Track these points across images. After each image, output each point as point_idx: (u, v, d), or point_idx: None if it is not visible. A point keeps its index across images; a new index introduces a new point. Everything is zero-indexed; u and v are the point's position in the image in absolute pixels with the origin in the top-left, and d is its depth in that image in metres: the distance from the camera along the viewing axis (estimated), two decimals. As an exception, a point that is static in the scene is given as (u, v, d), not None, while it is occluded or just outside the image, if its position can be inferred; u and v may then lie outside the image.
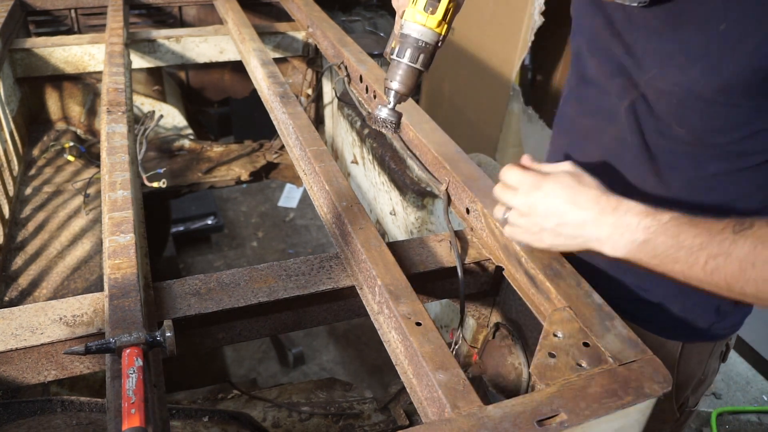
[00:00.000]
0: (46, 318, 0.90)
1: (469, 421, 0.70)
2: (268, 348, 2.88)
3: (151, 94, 2.40)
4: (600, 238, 0.82)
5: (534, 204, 0.85)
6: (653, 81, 0.93)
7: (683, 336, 1.10)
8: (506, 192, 0.90)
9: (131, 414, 0.68)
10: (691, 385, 1.17)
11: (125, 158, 1.23)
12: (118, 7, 2.12)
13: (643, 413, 0.77)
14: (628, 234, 0.79)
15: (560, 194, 0.84)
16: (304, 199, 3.93)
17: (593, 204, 0.82)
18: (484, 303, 1.20)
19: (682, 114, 0.91)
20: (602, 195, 0.82)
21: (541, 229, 0.86)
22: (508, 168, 0.90)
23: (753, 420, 2.52)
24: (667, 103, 0.92)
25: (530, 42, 2.83)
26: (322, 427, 1.63)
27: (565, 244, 0.87)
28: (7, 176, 1.77)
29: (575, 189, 0.83)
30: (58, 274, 1.52)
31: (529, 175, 0.87)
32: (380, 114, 0.94)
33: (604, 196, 0.82)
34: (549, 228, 0.86)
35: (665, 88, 0.91)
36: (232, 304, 0.95)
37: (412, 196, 1.74)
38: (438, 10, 0.87)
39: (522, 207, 0.87)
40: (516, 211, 0.89)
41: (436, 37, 0.89)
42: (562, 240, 0.86)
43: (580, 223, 0.83)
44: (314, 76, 2.46)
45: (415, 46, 0.89)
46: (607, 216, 0.81)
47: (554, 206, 0.84)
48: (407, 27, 0.89)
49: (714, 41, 0.82)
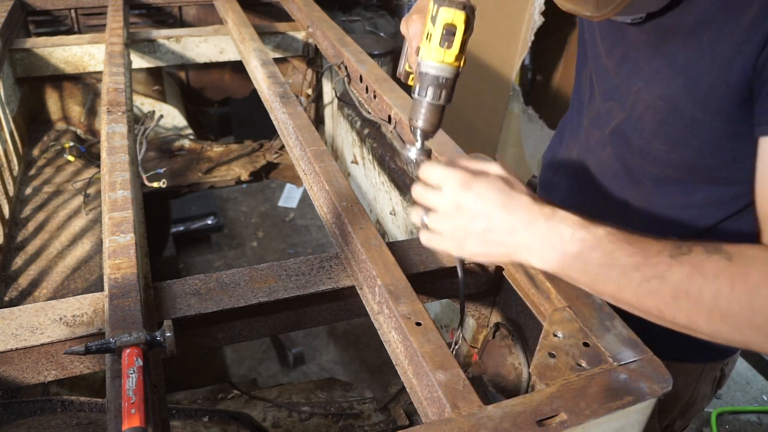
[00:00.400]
0: (46, 318, 0.90)
1: (469, 421, 0.70)
2: (268, 348, 2.88)
3: (151, 94, 2.40)
4: (530, 248, 0.75)
5: (462, 204, 0.76)
6: (640, 94, 0.92)
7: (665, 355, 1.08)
8: (428, 192, 0.80)
9: (131, 414, 0.68)
10: (677, 407, 1.14)
11: (125, 158, 1.23)
12: (118, 7, 2.12)
13: (643, 413, 0.77)
14: (560, 245, 0.73)
15: (492, 197, 0.76)
16: (304, 199, 3.93)
17: (526, 211, 0.75)
18: (484, 303, 1.20)
19: (665, 132, 0.90)
20: (535, 203, 0.76)
21: (467, 234, 0.77)
22: (430, 165, 0.81)
23: (753, 420, 2.52)
24: (651, 120, 0.91)
25: (530, 42, 2.83)
26: (322, 427, 1.63)
27: (489, 253, 0.78)
28: (7, 176, 1.77)
29: (508, 194, 0.76)
30: (58, 274, 1.52)
31: (458, 172, 0.78)
32: (410, 154, 0.92)
33: (537, 204, 0.76)
34: (475, 233, 0.77)
35: (650, 102, 0.90)
36: (232, 304, 0.95)
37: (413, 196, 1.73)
38: (454, 44, 0.84)
39: (447, 207, 0.78)
40: (439, 213, 0.79)
41: (455, 70, 0.86)
42: (487, 248, 0.78)
43: (510, 229, 0.75)
44: (314, 76, 2.46)
45: (435, 84, 0.86)
46: (540, 224, 0.74)
47: (484, 209, 0.75)
48: (425, 65, 0.86)
49: (696, 53, 0.81)
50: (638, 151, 0.96)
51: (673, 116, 0.87)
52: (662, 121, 0.89)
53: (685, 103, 0.85)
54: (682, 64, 0.84)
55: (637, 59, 0.93)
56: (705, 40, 0.80)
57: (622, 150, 1.00)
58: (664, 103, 0.88)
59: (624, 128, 0.98)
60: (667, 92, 0.87)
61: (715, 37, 0.78)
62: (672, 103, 0.86)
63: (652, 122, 0.91)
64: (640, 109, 0.93)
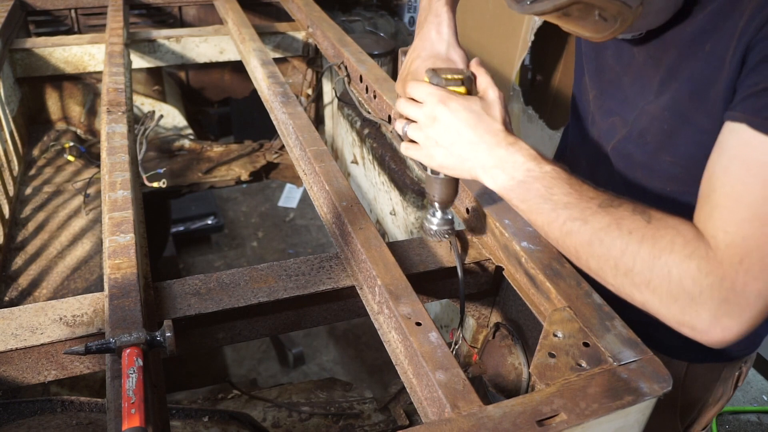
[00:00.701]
0: (46, 318, 0.90)
1: (469, 421, 0.70)
2: (268, 348, 2.88)
3: (151, 94, 2.40)
4: (485, 167, 0.82)
5: (436, 117, 0.84)
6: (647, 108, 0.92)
7: (688, 356, 1.08)
8: (410, 105, 0.87)
9: (131, 414, 0.68)
10: (698, 407, 1.15)
11: (125, 158, 1.23)
12: (118, 7, 2.12)
13: (643, 413, 0.77)
14: (510, 170, 0.80)
15: (463, 115, 0.83)
16: (304, 199, 3.93)
17: (492, 134, 0.82)
18: (484, 303, 1.20)
19: (673, 144, 0.90)
20: (503, 130, 0.83)
21: (436, 144, 0.85)
22: (416, 82, 0.87)
23: (753, 420, 2.52)
24: (657, 132, 0.91)
25: (530, 42, 2.83)
26: (322, 427, 1.63)
27: (453, 166, 0.86)
28: (7, 176, 1.77)
29: (479, 115, 0.83)
30: (58, 274, 1.52)
31: (438, 90, 0.85)
32: (432, 227, 0.98)
33: (504, 132, 0.83)
34: (443, 145, 0.85)
35: (656, 114, 0.90)
36: (232, 304, 0.95)
37: (412, 196, 1.74)
38: None
39: (423, 119, 0.85)
40: (417, 124, 0.87)
41: None
42: (452, 161, 0.85)
43: (473, 147, 0.83)
44: (314, 76, 2.46)
45: None
46: (500, 148, 0.81)
47: (455, 124, 0.83)
48: None
49: (700, 62, 0.82)
50: (641, 166, 0.97)
51: (681, 127, 0.88)
52: (670, 133, 0.90)
53: (692, 113, 0.85)
54: (687, 75, 0.85)
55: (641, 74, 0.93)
56: (707, 49, 0.81)
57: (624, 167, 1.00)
58: (671, 114, 0.88)
59: (625, 144, 0.98)
60: (674, 103, 0.87)
61: (717, 44, 0.79)
62: (679, 114, 0.87)
63: (658, 134, 0.91)
64: (644, 123, 0.93)
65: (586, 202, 0.76)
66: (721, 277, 0.68)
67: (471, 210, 1.11)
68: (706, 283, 0.69)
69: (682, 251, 0.70)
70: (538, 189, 0.79)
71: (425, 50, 0.97)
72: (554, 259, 0.96)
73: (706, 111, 0.83)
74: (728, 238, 0.69)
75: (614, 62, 0.98)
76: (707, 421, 1.20)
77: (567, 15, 0.78)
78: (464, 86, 0.86)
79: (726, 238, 0.69)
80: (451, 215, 0.97)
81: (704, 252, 0.70)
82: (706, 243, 0.70)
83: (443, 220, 0.97)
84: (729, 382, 1.15)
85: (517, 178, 0.80)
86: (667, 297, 0.71)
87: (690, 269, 0.69)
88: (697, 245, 0.70)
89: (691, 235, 0.71)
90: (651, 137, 0.93)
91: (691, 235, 0.71)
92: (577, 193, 0.77)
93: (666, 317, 0.73)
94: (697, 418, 1.17)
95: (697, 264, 0.69)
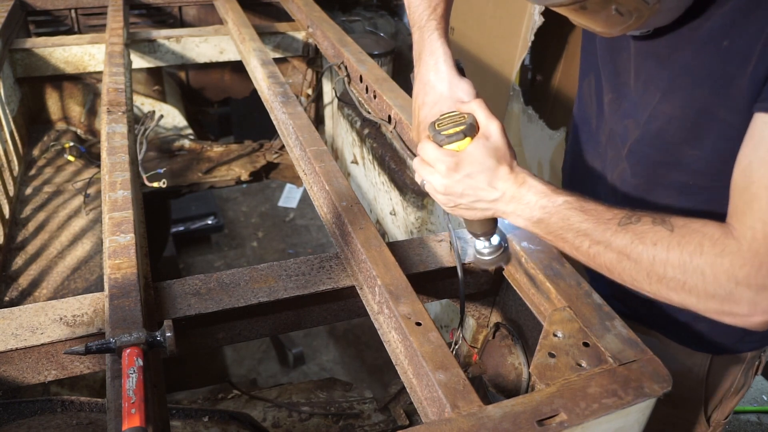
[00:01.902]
0: (46, 318, 0.90)
1: (469, 421, 0.70)
2: (268, 348, 2.88)
3: (151, 94, 2.40)
4: (506, 212, 0.89)
5: (451, 186, 0.88)
6: (659, 107, 0.92)
7: (712, 349, 1.10)
8: (424, 167, 0.91)
9: (131, 414, 0.68)
10: (720, 397, 1.16)
11: (125, 158, 1.23)
12: (118, 7, 2.12)
13: (643, 413, 0.77)
14: (528, 211, 0.86)
15: (479, 178, 0.87)
16: (304, 199, 3.93)
17: (505, 183, 0.87)
18: (484, 303, 1.20)
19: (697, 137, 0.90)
20: (512, 172, 0.88)
21: (456, 205, 0.91)
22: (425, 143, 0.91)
23: (753, 420, 2.52)
24: (679, 128, 0.92)
25: (530, 42, 2.83)
26: (322, 427, 1.63)
27: (475, 216, 0.92)
28: (7, 176, 1.77)
29: (493, 171, 0.87)
30: (58, 274, 1.52)
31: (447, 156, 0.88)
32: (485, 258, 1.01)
33: (513, 174, 0.87)
34: (464, 204, 0.90)
35: (674, 113, 0.91)
36: (232, 304, 0.95)
37: (412, 196, 1.74)
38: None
39: (438, 186, 0.90)
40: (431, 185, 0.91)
41: None
42: (474, 213, 0.92)
43: (492, 201, 0.88)
44: (314, 76, 2.46)
45: None
46: (513, 193, 0.87)
47: (472, 187, 0.88)
48: None
49: (717, 59, 0.83)
50: (660, 165, 0.97)
51: (704, 122, 0.88)
52: (693, 129, 0.90)
53: (716, 108, 0.85)
54: (705, 72, 0.85)
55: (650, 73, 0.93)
56: (725, 45, 0.81)
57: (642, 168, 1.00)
58: (693, 111, 0.88)
59: (641, 146, 0.98)
60: (693, 101, 0.87)
61: (736, 41, 0.80)
62: (700, 111, 0.88)
63: (679, 132, 0.92)
64: (662, 121, 0.93)
65: (605, 224, 0.80)
66: (758, 266, 0.71)
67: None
68: (741, 275, 0.72)
69: (711, 251, 0.73)
70: (557, 222, 0.83)
71: (428, 95, 0.98)
72: (554, 259, 0.96)
73: (730, 106, 0.84)
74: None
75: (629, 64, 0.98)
76: (729, 410, 1.22)
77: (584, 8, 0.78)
78: (467, 137, 0.88)
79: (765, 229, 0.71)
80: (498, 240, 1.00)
81: (735, 248, 0.72)
82: (734, 239, 0.73)
83: (493, 248, 1.00)
84: (750, 372, 1.17)
85: (536, 216, 0.85)
86: (704, 295, 0.74)
87: (723, 266, 0.72)
88: (726, 243, 0.73)
89: (718, 235, 0.74)
90: (671, 136, 0.93)
91: (718, 234, 0.74)
92: (594, 219, 0.81)
93: (705, 312, 0.77)
94: (719, 408, 1.19)
95: (730, 260, 0.72)
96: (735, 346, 1.09)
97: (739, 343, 1.09)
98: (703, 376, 1.12)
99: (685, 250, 0.75)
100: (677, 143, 0.93)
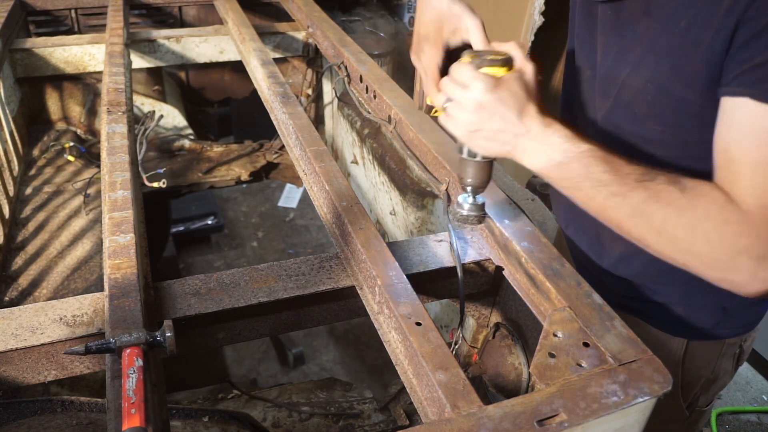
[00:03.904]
0: (46, 318, 0.90)
1: (469, 421, 0.70)
2: (268, 348, 2.88)
3: (151, 94, 2.40)
4: (526, 150, 0.86)
5: (483, 104, 0.85)
6: (627, 81, 0.95)
7: (688, 334, 1.11)
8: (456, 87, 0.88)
9: (131, 414, 0.68)
10: (699, 383, 1.17)
11: (125, 158, 1.23)
12: (118, 7, 2.12)
13: (643, 413, 0.77)
14: (549, 153, 0.84)
15: (512, 103, 0.85)
16: (304, 199, 3.93)
17: (533, 121, 0.85)
18: (484, 303, 1.20)
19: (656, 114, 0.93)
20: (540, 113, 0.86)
21: (479, 129, 0.86)
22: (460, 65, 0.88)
23: (753, 420, 2.52)
24: (642, 103, 0.94)
25: (530, 42, 2.83)
26: (322, 427, 1.63)
27: (491, 149, 0.88)
28: (7, 176, 1.77)
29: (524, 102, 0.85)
30: (58, 274, 1.52)
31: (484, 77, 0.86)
32: (462, 211, 0.96)
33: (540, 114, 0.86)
34: (488, 130, 0.86)
35: (640, 87, 0.93)
36: (232, 304, 0.95)
37: (412, 196, 1.74)
38: None
39: (469, 104, 0.86)
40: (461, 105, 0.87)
41: None
42: (492, 145, 0.87)
43: (517, 133, 0.85)
44: (314, 76, 2.46)
45: None
46: (539, 132, 0.85)
47: (500, 111, 0.85)
48: None
49: (678, 37, 0.85)
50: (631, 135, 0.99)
51: (664, 98, 0.91)
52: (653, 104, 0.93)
53: (673, 85, 0.88)
54: (665, 49, 0.88)
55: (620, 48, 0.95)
56: (683, 25, 0.84)
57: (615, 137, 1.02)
58: (653, 87, 0.91)
59: (612, 117, 1.00)
60: (655, 76, 0.90)
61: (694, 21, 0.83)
62: (661, 86, 0.90)
63: (643, 106, 0.94)
64: (629, 95, 0.96)
65: (623, 178, 0.80)
66: (756, 236, 0.75)
67: (471, 210, 1.11)
68: (742, 244, 0.75)
69: (717, 217, 0.76)
70: (577, 168, 0.82)
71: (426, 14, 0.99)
72: (554, 259, 0.96)
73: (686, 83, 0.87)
74: (758, 201, 0.75)
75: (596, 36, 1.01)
76: (711, 398, 1.23)
77: None
78: (505, 67, 0.87)
79: (756, 202, 0.75)
80: (482, 201, 0.96)
81: (738, 216, 0.76)
82: (737, 206, 0.76)
83: (474, 206, 0.96)
84: (730, 361, 1.18)
85: (556, 159, 0.84)
86: (709, 259, 0.77)
87: (726, 233, 0.76)
88: (731, 210, 0.76)
89: (722, 201, 0.77)
90: (638, 109, 0.95)
91: (722, 200, 0.77)
92: (614, 170, 0.81)
93: (707, 276, 0.79)
94: (700, 396, 1.20)
95: (733, 228, 0.75)
96: (712, 331, 1.10)
97: (716, 329, 1.10)
98: (678, 361, 1.13)
99: (694, 214, 0.77)
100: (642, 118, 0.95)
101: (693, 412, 1.21)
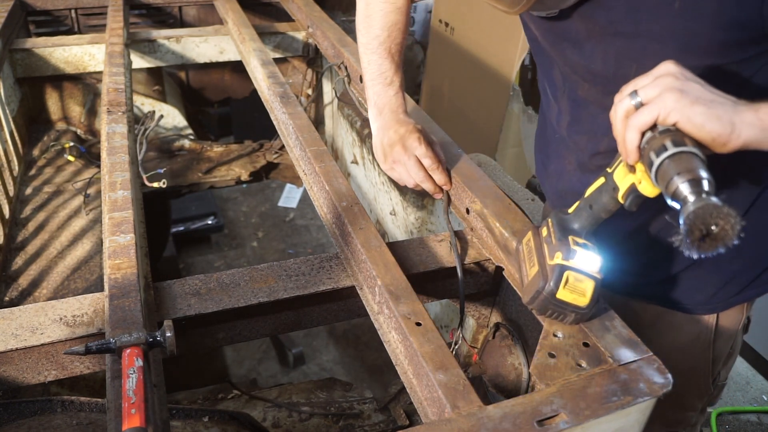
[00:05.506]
0: (46, 318, 0.90)
1: (469, 421, 0.70)
2: (268, 348, 2.88)
3: (151, 94, 2.40)
4: (743, 121, 0.74)
5: (687, 75, 0.76)
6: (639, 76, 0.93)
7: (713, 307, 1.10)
8: (647, 81, 0.77)
9: (131, 414, 0.68)
10: (723, 358, 1.18)
11: (125, 158, 1.23)
12: (118, 7, 2.12)
13: (643, 413, 0.77)
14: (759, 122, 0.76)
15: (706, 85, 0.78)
16: (304, 199, 3.93)
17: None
18: (484, 303, 1.20)
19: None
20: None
21: (695, 99, 0.74)
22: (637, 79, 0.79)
23: (753, 420, 2.52)
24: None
25: (526, 57, 2.83)
26: (322, 427, 1.63)
27: (707, 114, 0.74)
28: (7, 176, 1.77)
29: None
30: (58, 274, 1.52)
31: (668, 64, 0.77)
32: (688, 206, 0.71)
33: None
34: (704, 99, 0.75)
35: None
36: (232, 304, 0.95)
37: (412, 196, 1.74)
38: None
39: (671, 81, 0.75)
40: (664, 82, 0.75)
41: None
42: (711, 111, 0.74)
43: (723, 103, 0.75)
44: (314, 76, 2.46)
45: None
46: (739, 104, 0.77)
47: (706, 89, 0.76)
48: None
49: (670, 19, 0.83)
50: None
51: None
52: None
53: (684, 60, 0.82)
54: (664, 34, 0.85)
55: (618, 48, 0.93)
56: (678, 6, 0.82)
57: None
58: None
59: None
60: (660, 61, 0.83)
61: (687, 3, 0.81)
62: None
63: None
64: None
65: None
66: None
67: (471, 210, 1.11)
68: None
69: None
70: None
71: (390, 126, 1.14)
72: (554, 259, 0.96)
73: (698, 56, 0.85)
74: None
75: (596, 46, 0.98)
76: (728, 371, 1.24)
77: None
78: None
79: None
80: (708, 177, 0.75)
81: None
82: None
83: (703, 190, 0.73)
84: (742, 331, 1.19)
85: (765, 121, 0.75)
86: None
87: None
88: None
89: None
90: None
91: None
92: None
93: None
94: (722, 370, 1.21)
95: None
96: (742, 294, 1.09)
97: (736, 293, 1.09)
98: (710, 339, 1.12)
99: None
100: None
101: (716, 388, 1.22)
